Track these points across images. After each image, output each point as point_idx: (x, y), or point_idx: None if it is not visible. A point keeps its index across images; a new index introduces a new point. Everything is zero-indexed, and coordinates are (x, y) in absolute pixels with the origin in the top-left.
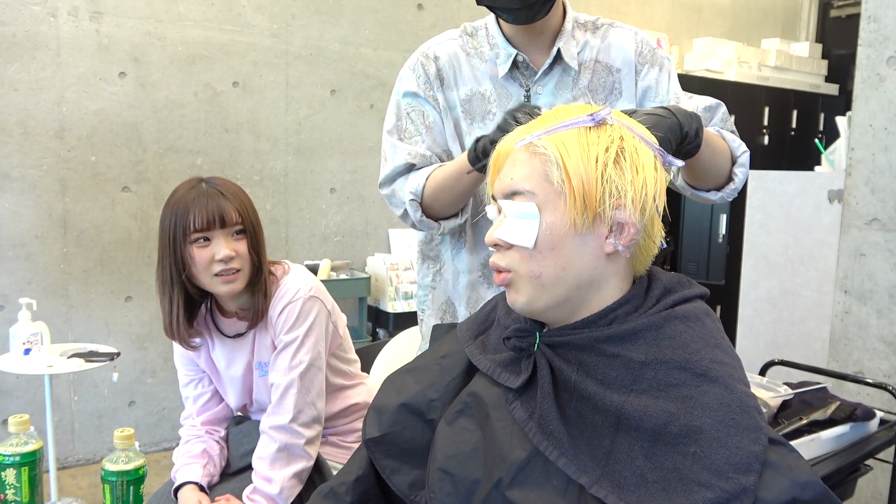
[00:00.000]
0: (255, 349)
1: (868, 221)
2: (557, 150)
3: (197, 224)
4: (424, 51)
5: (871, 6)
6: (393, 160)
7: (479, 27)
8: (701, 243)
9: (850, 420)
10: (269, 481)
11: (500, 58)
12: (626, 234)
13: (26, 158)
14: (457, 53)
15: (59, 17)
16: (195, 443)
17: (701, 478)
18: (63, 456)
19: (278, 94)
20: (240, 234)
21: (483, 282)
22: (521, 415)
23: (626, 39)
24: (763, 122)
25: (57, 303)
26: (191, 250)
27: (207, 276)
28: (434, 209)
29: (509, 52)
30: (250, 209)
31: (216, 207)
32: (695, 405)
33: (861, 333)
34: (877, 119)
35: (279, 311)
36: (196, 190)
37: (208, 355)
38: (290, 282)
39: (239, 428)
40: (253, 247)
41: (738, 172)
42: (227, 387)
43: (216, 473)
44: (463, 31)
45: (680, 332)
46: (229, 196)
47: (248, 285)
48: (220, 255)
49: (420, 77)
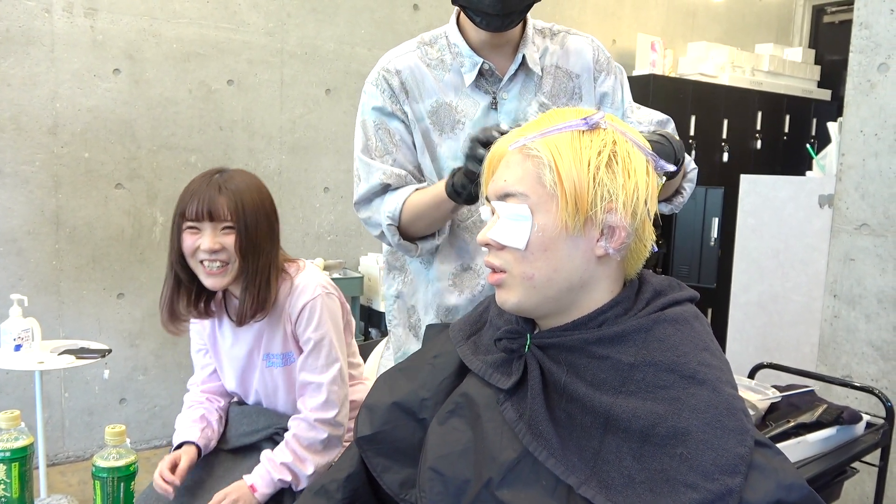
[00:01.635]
0: (265, 340)
1: (858, 226)
2: (550, 152)
3: (189, 213)
4: (384, 65)
5: (862, 13)
6: (368, 180)
7: (438, 36)
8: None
9: (836, 423)
10: (301, 461)
11: (464, 66)
12: (617, 237)
13: (19, 154)
14: (417, 65)
15: (54, 13)
16: (196, 408)
17: (687, 479)
18: (53, 453)
19: (273, 92)
20: (228, 230)
21: (452, 290)
22: (512, 415)
23: (584, 46)
24: (756, 126)
25: (48, 299)
26: (183, 235)
27: (194, 261)
28: (411, 232)
29: (475, 60)
30: (249, 208)
31: (209, 201)
32: (682, 407)
33: (850, 337)
34: (867, 125)
35: (299, 308)
36: (205, 180)
37: (213, 331)
38: (306, 279)
39: (241, 408)
40: (240, 245)
41: (686, 187)
42: (225, 365)
43: (213, 438)
44: (420, 42)
45: (669, 334)
46: (227, 192)
47: (236, 281)
48: (204, 246)
49: (385, 91)
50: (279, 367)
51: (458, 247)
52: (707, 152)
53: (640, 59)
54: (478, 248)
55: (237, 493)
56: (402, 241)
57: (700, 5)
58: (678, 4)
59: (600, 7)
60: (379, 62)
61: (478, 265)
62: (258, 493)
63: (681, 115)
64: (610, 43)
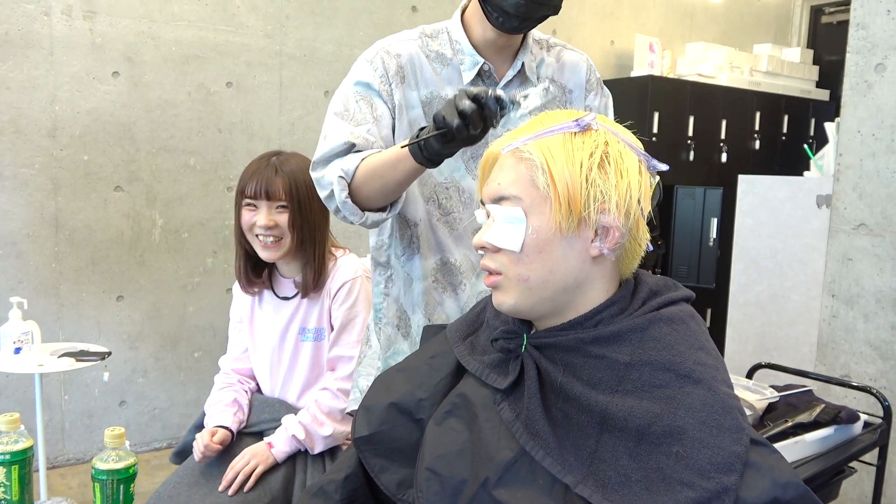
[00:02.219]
0: (302, 314)
1: (855, 226)
2: (543, 155)
3: (248, 192)
4: (385, 46)
5: (859, 14)
6: (333, 138)
7: (440, 30)
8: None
9: (834, 423)
10: (320, 423)
11: (464, 64)
12: (611, 237)
13: (18, 157)
14: (417, 53)
15: (53, 16)
16: (228, 391)
17: (683, 477)
18: (53, 455)
19: (272, 94)
20: (282, 209)
21: (438, 287)
22: (509, 415)
23: (579, 63)
24: (754, 126)
25: (48, 302)
26: (243, 211)
27: (251, 235)
28: (362, 194)
29: (476, 60)
30: (302, 190)
31: (266, 181)
32: (678, 406)
33: (848, 337)
34: (865, 125)
35: (339, 285)
36: (264, 161)
37: (252, 307)
38: (348, 261)
39: (265, 398)
40: (294, 222)
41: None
42: (257, 340)
43: (244, 420)
44: (422, 33)
45: (665, 334)
46: (283, 174)
47: (298, 257)
48: (260, 223)
49: (377, 70)
50: (311, 341)
51: (436, 241)
52: (706, 153)
53: (638, 60)
54: (454, 242)
55: (252, 452)
56: (349, 200)
57: (698, 6)
58: (676, 5)
59: (598, 8)
60: (378, 42)
61: (456, 260)
62: (275, 450)
63: (679, 115)
64: (608, 44)
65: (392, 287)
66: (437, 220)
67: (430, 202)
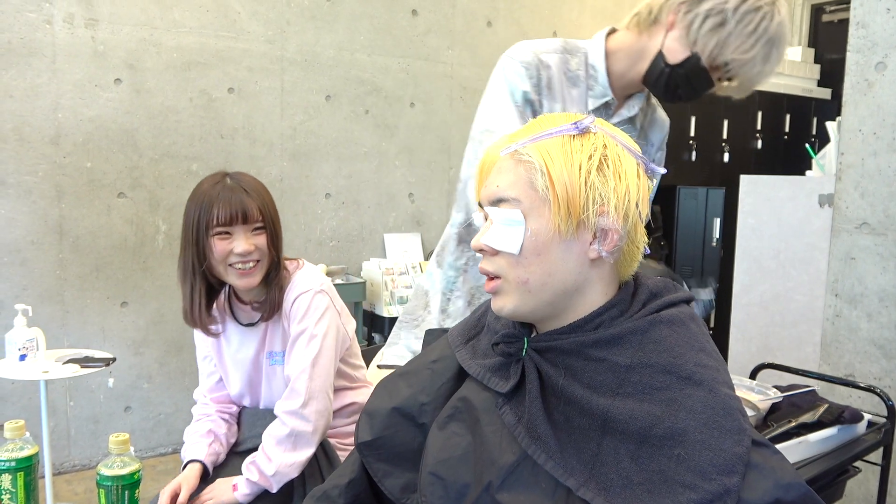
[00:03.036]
0: (267, 339)
1: (858, 225)
2: (542, 157)
3: (220, 219)
4: (538, 54)
5: (859, 12)
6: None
7: (580, 49)
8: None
9: (837, 422)
10: (268, 459)
11: (593, 91)
12: (610, 240)
13: (22, 165)
14: (558, 68)
15: (55, 24)
16: (204, 422)
17: (685, 479)
18: (59, 461)
19: (273, 99)
20: (259, 230)
21: None
22: (511, 419)
23: (665, 124)
24: (756, 126)
25: (53, 308)
26: (212, 242)
27: (223, 266)
28: None
29: (606, 93)
30: (271, 206)
31: (239, 203)
32: (679, 408)
33: (852, 336)
34: (866, 124)
35: (292, 301)
36: (221, 185)
37: (216, 340)
38: (303, 275)
39: (255, 411)
40: (272, 242)
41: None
42: (230, 370)
43: (222, 451)
44: (564, 48)
45: (665, 336)
46: (252, 193)
47: (264, 279)
48: (238, 250)
49: (533, 78)
50: (281, 364)
51: None
52: (708, 153)
53: None
54: None
55: (213, 490)
56: None
57: None
58: None
59: (598, 9)
60: (527, 46)
61: None
62: (238, 493)
63: (681, 115)
64: None
65: (474, 266)
66: None
67: None
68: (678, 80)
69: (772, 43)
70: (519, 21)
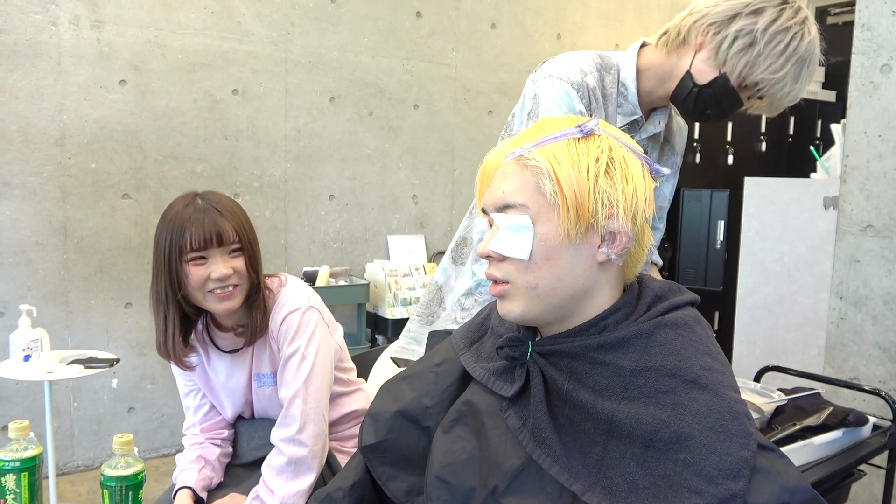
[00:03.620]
0: (255, 361)
1: (863, 228)
2: (549, 161)
3: (193, 243)
4: (585, 71)
5: (864, 14)
6: None
7: (613, 66)
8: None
9: (842, 425)
10: (271, 492)
11: (622, 108)
12: (619, 242)
13: (27, 166)
14: (598, 86)
15: (60, 26)
16: (194, 449)
17: (691, 484)
18: (62, 462)
19: (278, 101)
20: (237, 252)
21: None
22: (515, 423)
23: (684, 130)
24: (760, 128)
25: (57, 309)
26: (187, 268)
27: (201, 293)
28: None
29: (635, 111)
30: (247, 225)
31: (213, 226)
32: (685, 412)
33: (856, 339)
34: (871, 126)
35: (280, 322)
36: (192, 207)
37: (202, 368)
38: (288, 293)
39: (252, 421)
40: (250, 264)
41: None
42: (222, 399)
43: (215, 475)
44: (600, 66)
45: (670, 339)
46: (226, 213)
47: (245, 302)
48: (216, 275)
49: (584, 99)
50: (270, 386)
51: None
52: (712, 155)
53: None
54: None
55: None
56: None
57: None
58: (681, 8)
59: (602, 12)
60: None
61: None
62: None
63: None
64: (613, 47)
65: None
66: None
67: None
68: (707, 101)
69: (802, 62)
70: (523, 23)
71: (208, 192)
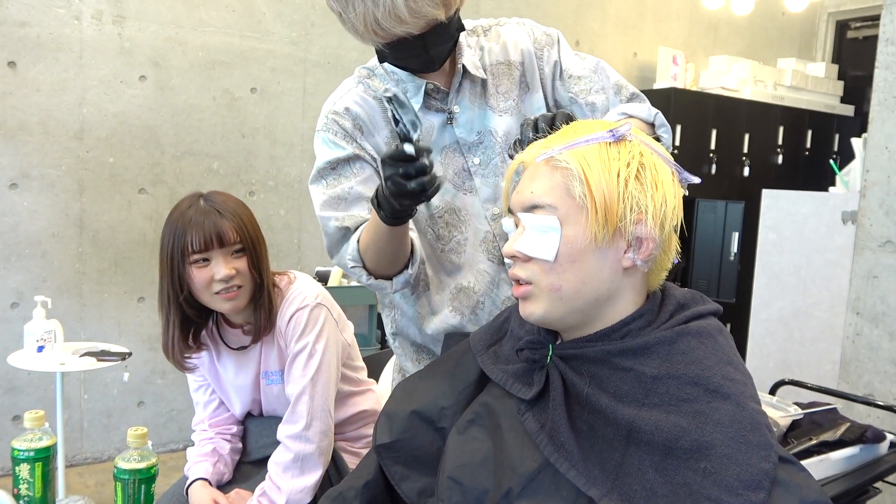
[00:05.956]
0: (263, 359)
1: (882, 244)
2: (580, 164)
3: (195, 245)
4: (331, 108)
5: (889, 29)
6: (328, 232)
7: (375, 66)
8: (712, 261)
9: (860, 442)
10: (278, 489)
11: (409, 91)
12: (645, 248)
13: (46, 158)
14: (364, 98)
15: (83, 20)
16: (206, 443)
17: (711, 493)
18: (71, 454)
19: (295, 100)
20: (239, 253)
21: (456, 314)
22: (533, 426)
23: (519, 32)
24: (777, 141)
25: (70, 301)
26: (190, 271)
27: (208, 294)
28: (379, 265)
29: (418, 83)
30: (250, 226)
31: (213, 227)
32: (706, 421)
33: (872, 356)
34: (892, 141)
35: (287, 319)
36: (194, 208)
37: (212, 364)
38: (297, 290)
39: (261, 419)
40: (253, 264)
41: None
42: (231, 395)
43: (227, 471)
44: (360, 77)
45: (693, 347)
46: (227, 214)
47: (250, 301)
48: (219, 276)
49: (337, 134)
50: (277, 384)
51: (447, 271)
52: (728, 166)
53: (661, 73)
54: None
55: None
56: (373, 280)
57: (722, 19)
58: (700, 18)
59: (621, 20)
60: (324, 107)
61: (470, 282)
62: None
63: (702, 128)
64: (631, 56)
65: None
66: (441, 252)
67: (427, 236)
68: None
69: None
70: None
71: (212, 193)
